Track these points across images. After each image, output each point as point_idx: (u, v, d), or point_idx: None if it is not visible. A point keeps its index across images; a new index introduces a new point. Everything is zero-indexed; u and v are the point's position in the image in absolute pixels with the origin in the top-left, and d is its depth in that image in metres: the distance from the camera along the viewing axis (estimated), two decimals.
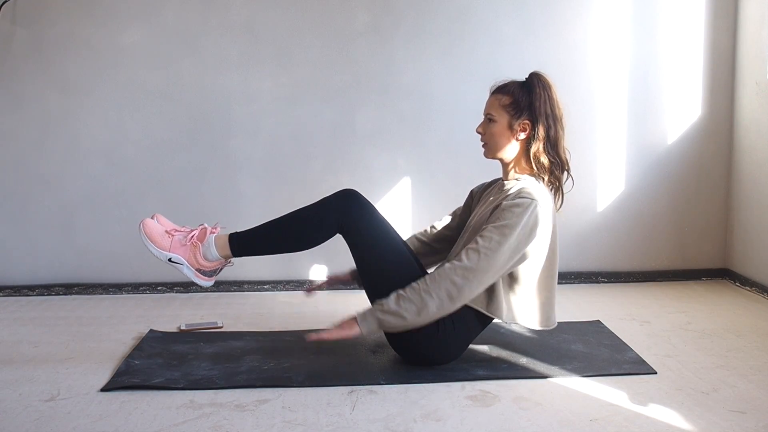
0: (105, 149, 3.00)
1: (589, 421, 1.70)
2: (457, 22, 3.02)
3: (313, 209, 2.05)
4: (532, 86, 2.03)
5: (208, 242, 2.02)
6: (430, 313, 1.89)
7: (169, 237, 2.01)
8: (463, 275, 1.88)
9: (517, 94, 2.03)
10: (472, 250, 1.90)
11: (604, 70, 3.08)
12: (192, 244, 2.01)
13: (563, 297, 2.90)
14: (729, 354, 2.17)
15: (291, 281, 3.09)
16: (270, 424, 1.70)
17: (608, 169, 3.13)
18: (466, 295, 1.90)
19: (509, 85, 2.06)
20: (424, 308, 1.88)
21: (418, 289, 1.89)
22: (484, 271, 1.89)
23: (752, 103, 2.97)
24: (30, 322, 2.60)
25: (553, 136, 2.02)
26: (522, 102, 2.02)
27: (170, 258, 2.00)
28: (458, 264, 1.89)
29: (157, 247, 1.99)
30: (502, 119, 2.04)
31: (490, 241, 1.89)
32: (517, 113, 2.02)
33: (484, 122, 2.09)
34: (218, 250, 2.02)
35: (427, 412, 1.76)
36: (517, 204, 1.92)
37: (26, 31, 2.92)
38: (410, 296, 1.89)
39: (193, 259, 2.01)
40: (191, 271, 2.02)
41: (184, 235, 2.02)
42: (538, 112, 2.00)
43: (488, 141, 2.08)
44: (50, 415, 1.75)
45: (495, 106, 2.05)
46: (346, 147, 3.06)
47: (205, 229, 2.04)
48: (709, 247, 3.21)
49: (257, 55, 2.99)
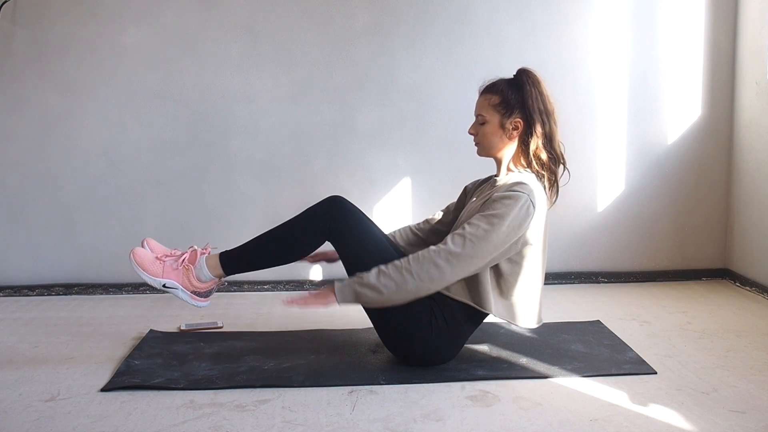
0: (105, 149, 3.00)
1: (589, 421, 1.70)
2: (457, 22, 3.02)
3: (300, 219, 2.05)
4: (522, 84, 2.02)
5: (199, 264, 2.02)
6: (408, 292, 1.89)
7: (160, 263, 2.01)
8: (446, 258, 1.88)
9: (506, 92, 2.03)
10: (458, 235, 1.90)
11: (604, 70, 3.08)
12: (184, 268, 2.02)
13: (563, 297, 2.90)
14: (729, 354, 2.17)
15: (291, 281, 3.09)
16: (270, 424, 1.70)
17: (608, 169, 3.12)
18: (447, 279, 1.90)
19: (498, 84, 2.06)
20: (403, 286, 1.87)
21: (400, 267, 1.89)
22: (468, 258, 1.88)
23: (752, 103, 2.97)
24: (30, 322, 2.60)
25: (549, 131, 2.02)
26: (512, 100, 2.02)
27: (164, 284, 2.01)
28: (443, 247, 1.90)
29: (149, 274, 1.99)
30: (494, 119, 2.04)
31: (477, 229, 1.89)
32: (507, 112, 2.02)
33: (476, 123, 2.08)
34: (210, 270, 2.03)
35: (427, 412, 1.76)
36: (508, 196, 1.92)
37: (26, 31, 2.92)
38: (391, 273, 1.89)
39: (187, 282, 2.02)
40: (186, 295, 2.03)
41: (175, 259, 2.03)
42: (531, 109, 2.00)
43: (481, 141, 2.08)
44: (50, 415, 1.75)
45: (485, 106, 2.05)
46: (346, 147, 3.06)
47: (195, 251, 2.05)
48: (709, 247, 3.21)
49: (257, 55, 2.99)
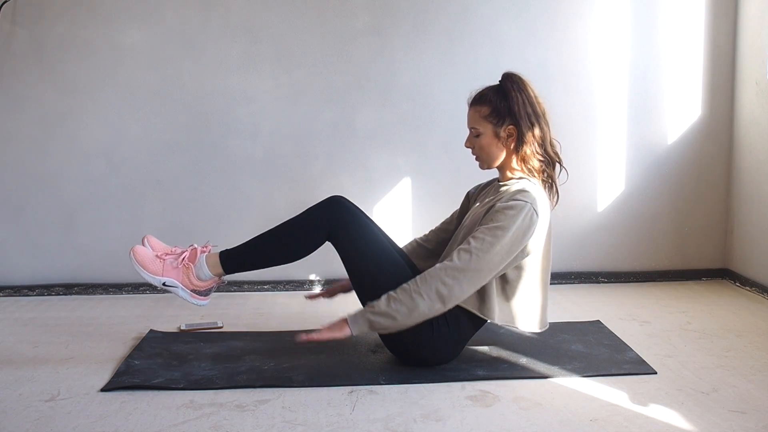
0: (105, 149, 3.00)
1: (589, 421, 1.70)
2: (457, 22, 3.02)
3: (300, 219, 2.05)
4: (507, 91, 2.01)
5: (199, 262, 2.02)
6: (420, 314, 1.88)
7: (160, 261, 2.01)
8: (453, 276, 1.87)
9: (495, 101, 2.01)
10: (463, 250, 1.90)
11: (604, 70, 3.08)
12: (184, 266, 2.02)
13: (563, 297, 2.90)
14: (729, 354, 2.17)
15: (291, 281, 3.09)
16: (270, 424, 1.70)
17: (608, 169, 3.12)
18: (456, 296, 1.89)
19: (485, 94, 2.04)
20: (414, 309, 1.87)
21: (409, 290, 1.88)
22: (475, 272, 1.88)
23: (752, 103, 2.97)
24: (30, 322, 2.60)
25: (539, 135, 2.01)
26: (501, 108, 2.01)
27: (164, 282, 2.01)
28: (449, 264, 1.89)
29: (149, 272, 1.99)
30: (487, 130, 2.03)
31: (482, 243, 1.88)
32: (499, 121, 2.01)
33: (470, 137, 2.07)
34: (210, 269, 2.02)
35: (427, 412, 1.76)
36: (510, 206, 1.91)
37: (26, 31, 2.92)
38: (401, 297, 1.88)
39: (187, 281, 2.02)
40: (186, 293, 2.03)
41: (175, 257, 2.03)
42: (518, 115, 1.99)
43: (479, 154, 2.08)
44: (50, 415, 1.75)
45: (476, 118, 2.04)
46: (346, 147, 3.06)
47: (195, 249, 2.04)
48: (709, 247, 3.21)
49: (257, 55, 2.99)
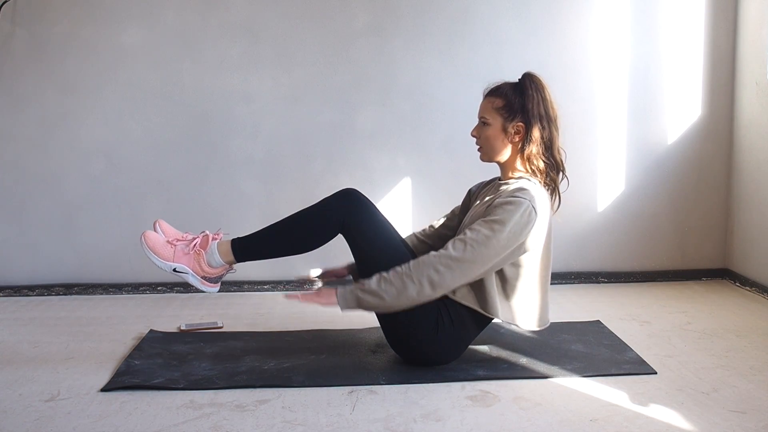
0: (105, 149, 3.00)
1: (589, 421, 1.70)
2: (458, 22, 3.02)
3: (314, 210, 2.05)
4: (525, 88, 2.02)
5: (211, 249, 2.02)
6: (409, 297, 1.88)
7: (171, 247, 2.01)
8: (446, 264, 1.88)
9: (510, 96, 2.02)
10: (459, 240, 1.91)
11: (604, 70, 3.08)
12: (195, 252, 2.02)
13: (563, 297, 2.90)
14: (729, 354, 2.17)
15: (291, 281, 3.08)
16: (270, 424, 1.70)
17: (608, 169, 3.12)
18: (447, 284, 1.89)
19: (502, 87, 2.05)
20: (403, 292, 1.87)
21: (401, 273, 1.89)
22: (469, 263, 1.88)
23: (752, 103, 2.97)
24: (30, 322, 2.60)
25: (548, 137, 2.02)
26: (515, 104, 2.01)
27: (175, 268, 2.01)
28: (444, 253, 1.90)
29: (160, 258, 1.99)
30: (496, 122, 2.03)
31: (478, 234, 1.89)
32: (510, 116, 2.02)
33: (479, 125, 2.08)
34: (221, 256, 2.02)
35: (427, 412, 1.76)
36: (510, 202, 1.92)
37: (26, 31, 2.92)
38: (392, 279, 1.89)
39: (198, 267, 2.02)
40: (197, 279, 2.03)
41: (187, 243, 2.03)
42: (531, 114, 2.00)
43: (483, 144, 2.08)
44: (50, 415, 1.75)
45: (488, 109, 2.05)
46: (346, 147, 3.06)
47: (207, 236, 2.04)
48: (709, 247, 3.21)
49: (257, 55, 2.99)
